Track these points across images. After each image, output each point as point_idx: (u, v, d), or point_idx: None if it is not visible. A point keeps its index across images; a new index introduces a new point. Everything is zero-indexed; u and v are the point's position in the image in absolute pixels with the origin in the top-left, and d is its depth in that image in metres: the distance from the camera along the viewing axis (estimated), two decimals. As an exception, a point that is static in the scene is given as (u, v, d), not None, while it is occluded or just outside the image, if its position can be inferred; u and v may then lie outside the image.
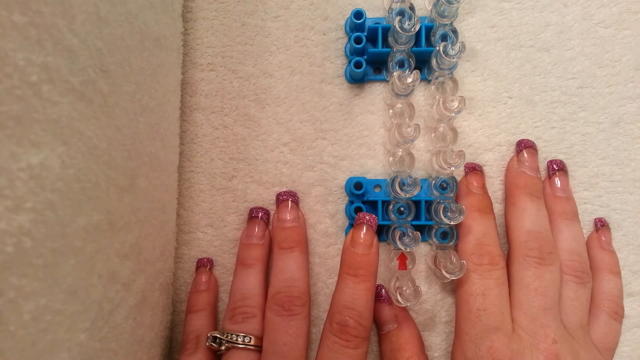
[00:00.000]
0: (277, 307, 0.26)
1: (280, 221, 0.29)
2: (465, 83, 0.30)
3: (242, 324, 0.27)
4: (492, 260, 0.26)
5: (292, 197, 0.29)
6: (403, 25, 0.26)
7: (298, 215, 0.29)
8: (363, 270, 0.25)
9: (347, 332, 0.24)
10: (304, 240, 0.28)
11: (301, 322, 0.26)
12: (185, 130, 0.31)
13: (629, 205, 0.30)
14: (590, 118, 0.30)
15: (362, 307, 0.24)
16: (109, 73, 0.19)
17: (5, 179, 0.14)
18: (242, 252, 0.29)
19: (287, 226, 0.28)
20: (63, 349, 0.17)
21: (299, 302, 0.26)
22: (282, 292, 0.26)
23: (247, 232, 0.29)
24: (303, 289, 0.26)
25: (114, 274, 0.21)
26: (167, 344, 0.30)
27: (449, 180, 0.28)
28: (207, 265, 0.30)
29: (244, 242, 0.29)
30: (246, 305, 0.27)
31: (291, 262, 0.27)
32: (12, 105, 0.14)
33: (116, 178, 0.20)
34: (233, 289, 0.28)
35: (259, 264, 0.28)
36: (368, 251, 0.25)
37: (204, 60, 0.31)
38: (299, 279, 0.27)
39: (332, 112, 0.31)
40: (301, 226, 0.29)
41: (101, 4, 0.18)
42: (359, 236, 0.25)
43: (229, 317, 0.27)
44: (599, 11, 0.30)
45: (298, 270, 0.27)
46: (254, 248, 0.29)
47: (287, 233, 0.28)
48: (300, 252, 0.28)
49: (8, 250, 0.14)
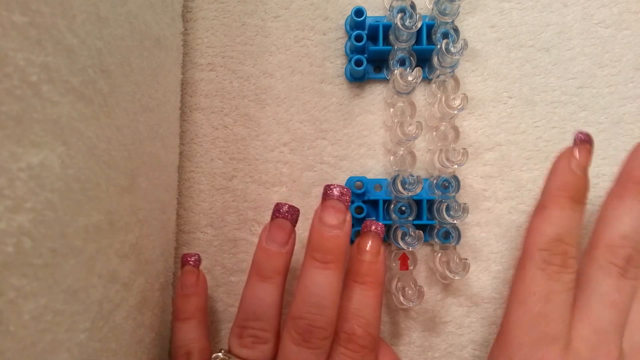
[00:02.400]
0: (295, 335, 0.22)
1: (322, 225, 0.24)
2: (466, 83, 0.30)
3: (252, 349, 0.23)
4: (566, 261, 0.22)
5: (345, 197, 0.24)
6: (405, 22, 0.26)
7: (345, 220, 0.24)
8: (370, 277, 0.24)
9: (354, 342, 0.23)
10: (343, 257, 0.23)
11: (319, 357, 0.23)
12: (185, 130, 0.31)
13: (629, 205, 0.30)
14: (590, 118, 0.30)
15: (370, 315, 0.23)
16: (109, 73, 0.19)
17: (5, 179, 0.14)
18: (259, 259, 0.24)
19: (329, 234, 0.23)
20: (63, 349, 0.17)
21: (321, 335, 0.22)
22: (305, 319, 0.22)
23: (269, 233, 0.24)
24: (330, 319, 0.22)
25: (114, 274, 0.21)
26: (167, 344, 0.30)
27: (450, 179, 0.28)
28: (194, 263, 0.27)
29: (263, 246, 0.24)
30: (259, 328, 0.24)
31: (323, 282, 0.23)
32: (12, 105, 0.14)
33: (116, 178, 0.20)
34: (245, 301, 0.24)
35: (278, 278, 0.24)
36: (375, 259, 0.24)
37: (204, 60, 0.31)
38: (328, 306, 0.22)
39: (332, 112, 0.31)
40: (345, 236, 0.24)
41: (101, 4, 0.18)
42: (366, 244, 0.25)
43: (237, 333, 0.24)
44: (599, 11, 0.30)
45: (329, 294, 0.23)
46: (275, 257, 0.24)
47: (326, 242, 0.23)
48: (336, 271, 0.23)
49: (8, 250, 0.14)
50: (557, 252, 0.23)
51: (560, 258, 0.22)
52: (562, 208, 0.23)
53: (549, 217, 0.23)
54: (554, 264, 0.22)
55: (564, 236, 0.23)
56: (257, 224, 0.30)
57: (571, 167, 0.24)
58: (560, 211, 0.23)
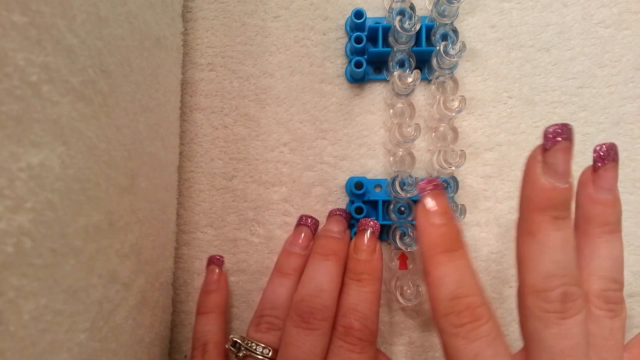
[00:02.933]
0: (296, 317, 0.24)
1: (325, 230, 0.27)
2: (466, 83, 0.30)
3: (266, 334, 0.26)
4: (474, 314, 0.20)
5: (346, 215, 0.28)
6: (403, 25, 0.26)
7: (345, 231, 0.27)
8: (367, 275, 0.25)
9: (352, 335, 0.23)
10: (342, 254, 0.26)
11: (317, 339, 0.24)
12: (185, 130, 0.31)
13: (629, 206, 0.30)
14: (590, 118, 0.30)
15: (368, 309, 0.24)
16: (109, 73, 0.19)
17: (5, 179, 0.14)
18: (281, 259, 0.28)
19: (330, 235, 0.27)
20: (63, 349, 0.17)
21: (319, 316, 0.24)
22: (305, 301, 0.24)
23: (292, 239, 0.28)
24: (328, 302, 0.24)
25: (114, 274, 0.21)
26: (167, 344, 0.30)
27: (449, 180, 0.28)
28: (217, 264, 0.30)
29: (286, 249, 0.28)
30: (274, 315, 0.26)
31: (323, 271, 0.25)
32: (12, 105, 0.14)
33: (116, 178, 0.20)
34: (265, 294, 0.27)
35: (296, 275, 0.27)
36: (371, 257, 0.25)
37: (204, 60, 0.31)
38: (326, 290, 0.24)
39: (332, 112, 0.31)
40: (345, 241, 0.27)
41: (101, 4, 0.18)
42: (362, 243, 0.26)
43: (255, 323, 0.26)
44: (599, 11, 0.30)
45: (328, 282, 0.25)
46: (295, 258, 0.28)
47: (327, 241, 0.26)
48: (335, 263, 0.25)
49: (8, 250, 0.14)
50: (461, 310, 0.20)
51: (466, 315, 0.20)
52: (442, 264, 0.21)
53: (435, 280, 0.21)
54: (465, 323, 0.20)
55: (459, 291, 0.20)
56: (257, 224, 0.30)
57: (431, 222, 0.22)
58: (442, 268, 0.21)
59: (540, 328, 0.20)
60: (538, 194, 0.20)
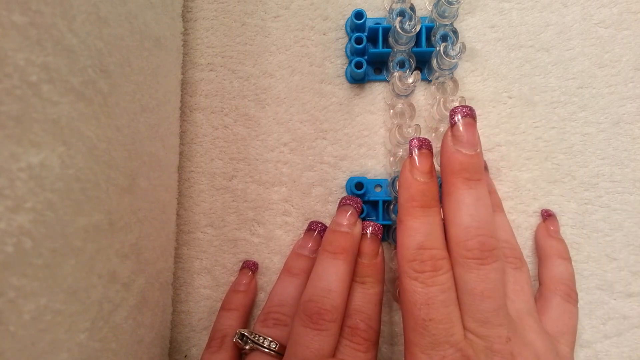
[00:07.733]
0: (304, 317, 0.24)
1: (334, 224, 0.27)
2: (465, 83, 0.30)
3: (272, 328, 0.26)
4: (435, 265, 0.23)
5: (355, 204, 0.27)
6: (404, 26, 0.26)
7: (356, 223, 0.27)
8: (370, 277, 0.26)
9: (358, 335, 0.24)
10: (352, 250, 0.26)
11: (326, 340, 0.24)
12: (185, 130, 0.31)
13: (629, 206, 0.30)
14: (590, 118, 0.30)
15: (372, 310, 0.25)
16: (109, 73, 0.19)
17: (5, 179, 0.14)
18: (291, 260, 0.29)
19: (339, 230, 0.26)
20: (63, 349, 0.17)
21: (328, 317, 0.24)
22: (313, 301, 0.24)
23: (302, 242, 0.29)
24: (337, 302, 0.24)
25: (114, 274, 0.21)
26: (167, 344, 0.30)
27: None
28: (251, 268, 0.30)
29: (296, 252, 0.29)
30: (281, 312, 0.27)
31: (332, 270, 0.25)
32: (12, 105, 0.14)
33: (116, 178, 0.20)
34: (272, 293, 0.28)
35: (304, 276, 0.28)
36: (373, 261, 0.26)
37: (204, 60, 0.31)
38: (335, 290, 0.25)
39: (332, 112, 0.31)
40: (355, 235, 0.26)
41: (101, 4, 0.18)
42: (365, 247, 0.26)
43: (262, 319, 0.27)
44: (599, 11, 0.30)
45: (337, 281, 0.25)
46: (303, 260, 0.28)
47: (336, 237, 0.26)
48: (344, 262, 0.25)
49: (8, 250, 0.14)
50: (425, 259, 0.23)
51: (429, 264, 0.23)
52: (416, 217, 0.24)
53: (407, 229, 0.24)
54: (425, 271, 0.23)
55: (426, 243, 0.23)
56: (257, 224, 0.30)
57: (414, 177, 0.24)
58: (415, 221, 0.24)
59: (463, 272, 0.23)
60: (450, 160, 0.24)
